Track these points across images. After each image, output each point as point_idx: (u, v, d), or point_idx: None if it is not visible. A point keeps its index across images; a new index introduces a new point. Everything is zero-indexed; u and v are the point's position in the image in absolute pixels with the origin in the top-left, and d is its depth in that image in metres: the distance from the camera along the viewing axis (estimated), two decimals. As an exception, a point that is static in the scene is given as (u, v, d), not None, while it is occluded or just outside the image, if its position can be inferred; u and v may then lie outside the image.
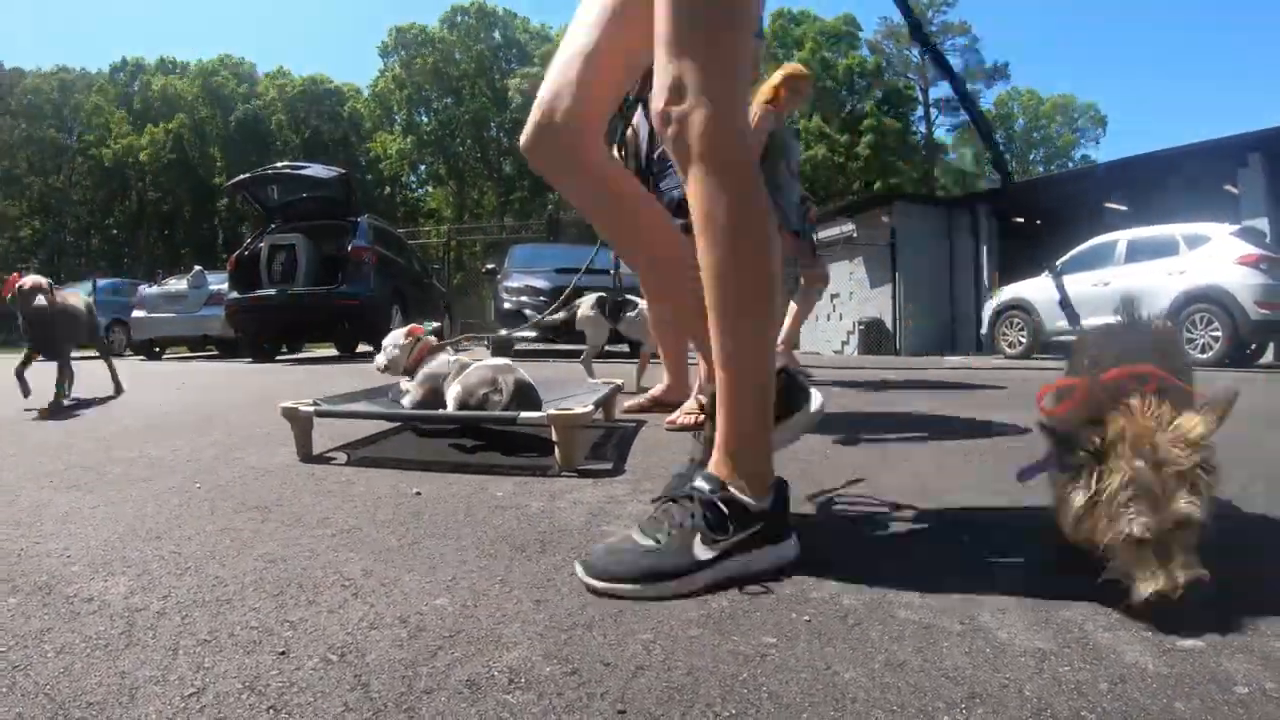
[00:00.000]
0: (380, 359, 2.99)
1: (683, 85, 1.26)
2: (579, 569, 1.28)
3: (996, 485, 1.98)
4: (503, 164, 45.95)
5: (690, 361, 3.45)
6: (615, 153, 3.46)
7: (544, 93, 1.62)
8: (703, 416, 3.03)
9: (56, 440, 2.93)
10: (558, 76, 1.60)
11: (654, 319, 3.67)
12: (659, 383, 3.66)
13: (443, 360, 2.76)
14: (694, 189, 1.29)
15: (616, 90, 1.68)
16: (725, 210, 1.27)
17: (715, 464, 1.31)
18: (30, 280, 4.11)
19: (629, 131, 3.40)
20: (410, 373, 2.83)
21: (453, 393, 2.57)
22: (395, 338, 2.95)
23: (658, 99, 1.30)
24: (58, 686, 0.95)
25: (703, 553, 1.25)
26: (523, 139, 1.65)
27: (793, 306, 5.55)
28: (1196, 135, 20.56)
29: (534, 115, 1.62)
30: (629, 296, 4.26)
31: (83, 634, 1.10)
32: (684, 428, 2.97)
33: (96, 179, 43.59)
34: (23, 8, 72.76)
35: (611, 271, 5.05)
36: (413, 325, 2.97)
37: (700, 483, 1.30)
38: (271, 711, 0.89)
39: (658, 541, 1.27)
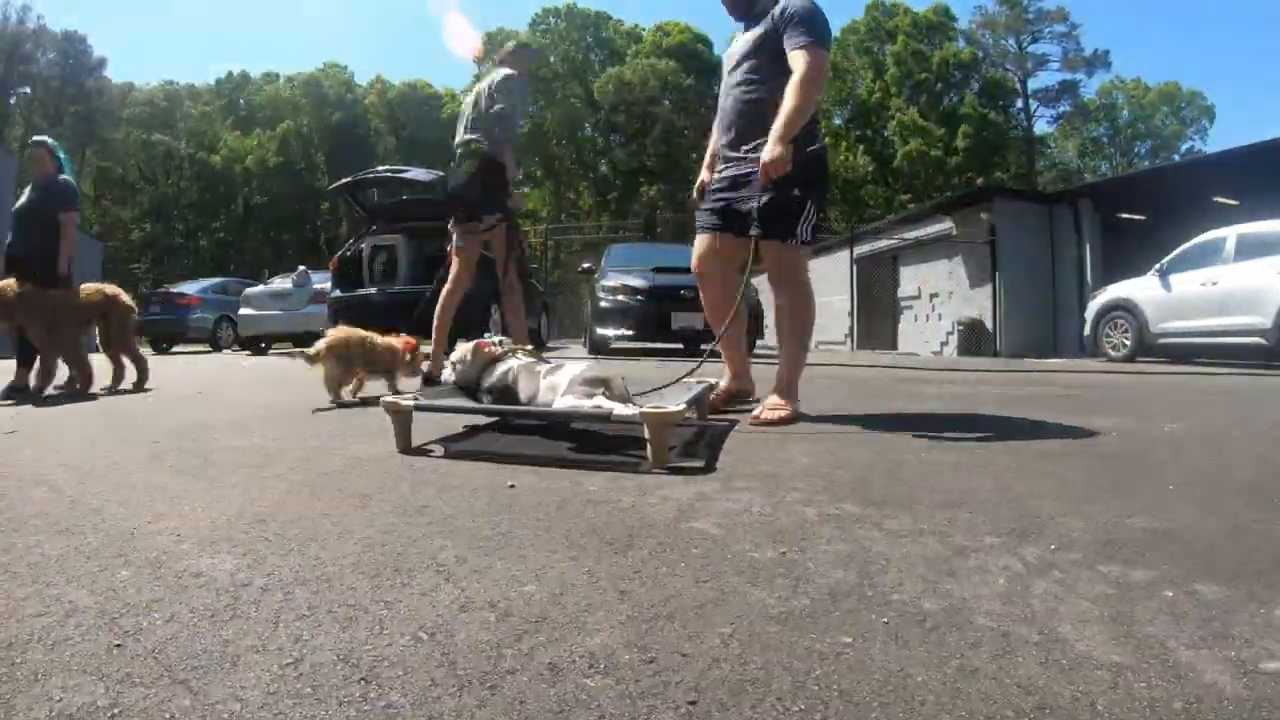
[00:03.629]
0: (448, 374, 2.98)
1: None
2: None
3: (1085, 491, 1.93)
4: (598, 164, 46.34)
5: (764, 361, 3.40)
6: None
7: None
8: (789, 413, 3.02)
9: (169, 428, 3.11)
10: None
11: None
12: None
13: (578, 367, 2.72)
14: None
15: None
16: None
17: None
18: None
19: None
20: (481, 382, 2.80)
21: (567, 391, 2.57)
22: (462, 353, 2.92)
23: None
24: (165, 650, 1.03)
25: None
26: None
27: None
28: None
29: None
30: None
31: (190, 605, 1.19)
32: (768, 423, 2.96)
33: (204, 184, 45.86)
34: (130, 29, 77.48)
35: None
36: (478, 341, 2.95)
37: None
38: (363, 682, 0.95)
39: None
